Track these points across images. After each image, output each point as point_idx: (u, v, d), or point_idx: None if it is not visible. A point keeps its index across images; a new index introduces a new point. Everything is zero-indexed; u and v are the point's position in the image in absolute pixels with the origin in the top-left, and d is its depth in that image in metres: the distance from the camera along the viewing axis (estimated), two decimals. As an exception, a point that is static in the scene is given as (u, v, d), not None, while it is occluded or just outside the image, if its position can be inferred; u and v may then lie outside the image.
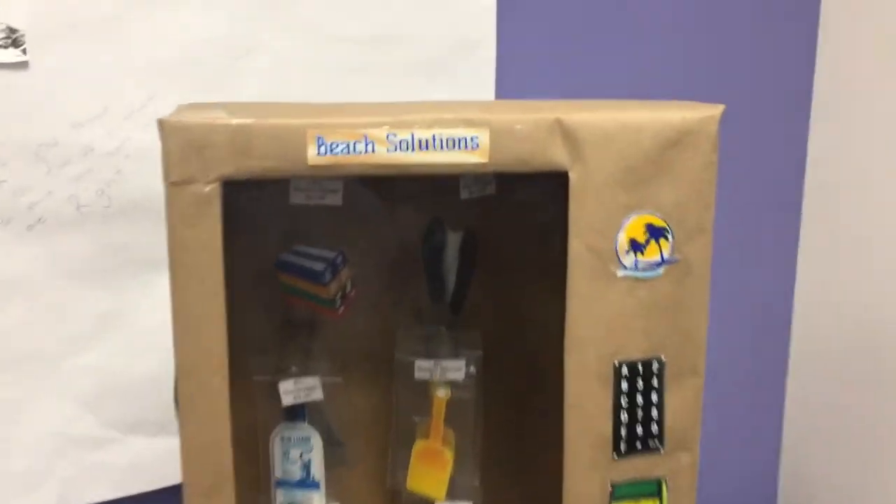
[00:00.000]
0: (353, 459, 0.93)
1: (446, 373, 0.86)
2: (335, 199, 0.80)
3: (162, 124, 0.66)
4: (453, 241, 0.87)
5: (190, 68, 1.02)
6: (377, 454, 0.94)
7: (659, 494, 0.78)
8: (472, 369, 0.88)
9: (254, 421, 0.87)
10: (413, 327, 0.90)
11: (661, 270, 0.74)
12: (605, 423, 0.75)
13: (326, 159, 0.67)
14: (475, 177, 0.84)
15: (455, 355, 0.87)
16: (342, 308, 0.87)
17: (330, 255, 0.85)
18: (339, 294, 0.86)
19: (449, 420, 0.89)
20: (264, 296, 0.86)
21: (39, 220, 1.04)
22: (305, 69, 1.08)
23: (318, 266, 0.85)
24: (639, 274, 0.73)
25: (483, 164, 0.70)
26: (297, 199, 0.79)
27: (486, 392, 0.91)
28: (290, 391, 0.83)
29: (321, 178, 0.67)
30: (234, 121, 0.66)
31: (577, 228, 0.72)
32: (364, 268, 0.88)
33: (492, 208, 0.88)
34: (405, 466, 0.90)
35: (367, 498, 0.94)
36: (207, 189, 0.66)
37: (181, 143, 0.66)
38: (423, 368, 0.86)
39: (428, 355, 0.87)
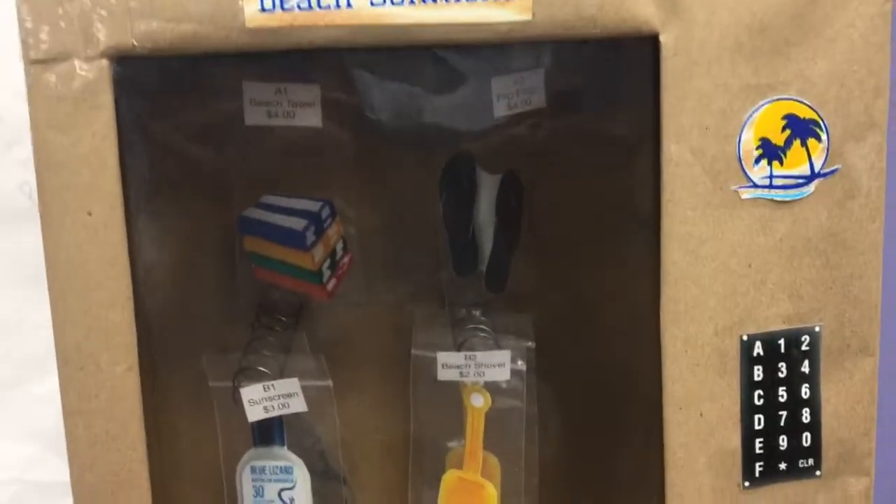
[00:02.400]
0: (358, 499, 0.67)
1: (484, 371, 0.60)
2: (311, 118, 0.55)
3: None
4: (488, 185, 0.62)
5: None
6: (392, 490, 0.67)
7: (816, 544, 0.50)
8: (521, 365, 0.61)
9: (214, 445, 0.61)
10: (435, 313, 0.64)
11: (810, 188, 0.47)
12: (730, 432, 0.49)
13: (273, 18, 0.42)
14: (515, 73, 0.58)
15: (495, 347, 0.61)
16: (332, 283, 0.61)
17: (313, 206, 0.60)
18: (328, 262, 0.61)
19: (490, 441, 0.63)
20: (221, 271, 0.61)
21: None
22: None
23: (297, 224, 0.60)
24: (776, 195, 0.47)
25: (524, 25, 0.44)
26: (254, 117, 0.54)
27: (542, 400, 0.64)
28: (259, 401, 0.57)
29: (268, 52, 0.43)
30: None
31: (674, 126, 0.46)
32: (362, 226, 0.62)
33: (543, 134, 0.61)
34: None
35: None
36: (89, 69, 0.42)
37: (47, -2, 0.42)
38: (449, 366, 0.60)
39: (456, 348, 0.61)
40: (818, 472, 0.50)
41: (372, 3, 0.43)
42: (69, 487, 0.86)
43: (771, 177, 0.47)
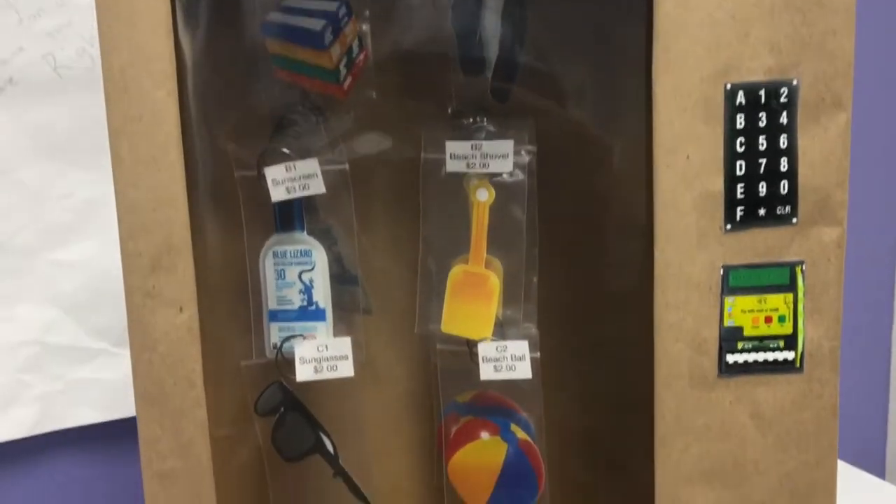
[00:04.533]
0: (371, 301, 0.72)
1: (489, 162, 0.65)
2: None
3: None
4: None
5: None
6: (402, 295, 0.72)
7: (792, 287, 0.55)
8: (527, 157, 0.65)
9: (239, 236, 0.66)
10: (444, 119, 0.69)
11: (789, -56, 0.51)
12: (714, 176, 0.53)
13: None
14: None
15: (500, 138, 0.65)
16: (348, 81, 0.66)
17: (330, 6, 0.64)
18: (345, 61, 0.65)
19: (494, 241, 0.67)
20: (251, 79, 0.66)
21: (10, 80, 0.89)
22: None
23: (315, 24, 0.64)
24: (758, -51, 0.51)
25: None
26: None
27: (544, 205, 0.69)
28: (281, 181, 0.62)
29: None
30: None
31: None
32: (377, 31, 0.67)
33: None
34: (438, 303, 0.68)
35: (389, 348, 0.72)
36: None
37: None
38: (457, 156, 0.65)
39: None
40: (794, 220, 0.54)
41: None
42: (87, 353, 0.91)
43: (754, -67, 0.51)
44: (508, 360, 0.66)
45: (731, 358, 0.55)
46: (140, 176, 0.49)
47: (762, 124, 0.53)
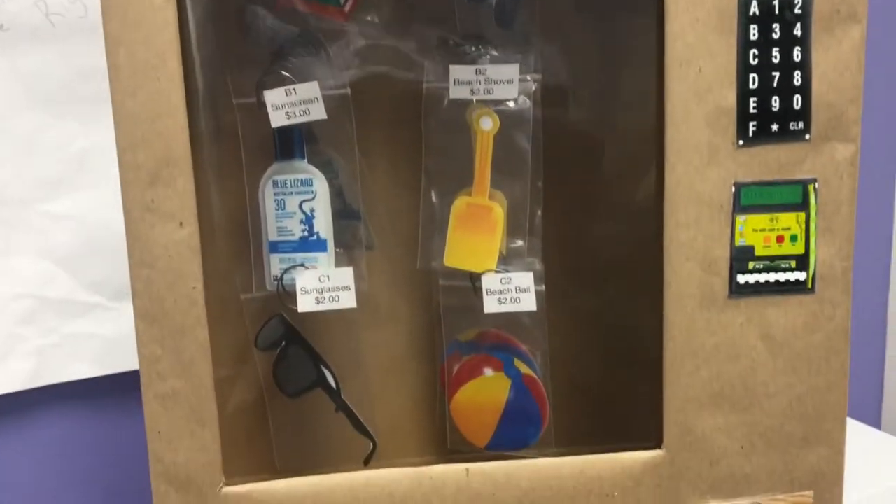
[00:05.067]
0: (374, 236, 0.71)
1: (493, 87, 0.63)
2: None
3: None
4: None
5: None
6: (405, 230, 0.71)
7: (804, 206, 0.54)
8: (533, 86, 0.64)
9: (238, 168, 0.64)
10: (447, 48, 0.67)
11: None
12: (727, 90, 0.52)
13: None
14: None
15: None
16: (349, 4, 0.64)
17: (331, -73, 0.63)
18: (346, -16, 0.64)
19: (499, 173, 0.66)
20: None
21: (1, 26, 0.86)
22: None
23: (317, -53, 0.63)
24: None
25: None
26: None
27: (550, 137, 0.67)
28: (281, 106, 0.61)
29: None
30: None
31: None
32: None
33: None
34: (441, 239, 0.66)
35: (391, 284, 0.71)
36: None
37: None
38: (461, 81, 0.63)
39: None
40: (807, 136, 0.53)
41: None
42: (83, 307, 0.89)
43: None
44: (513, 293, 0.65)
45: (741, 278, 0.54)
46: (138, 85, 0.48)
47: (776, 36, 0.52)
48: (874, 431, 1.07)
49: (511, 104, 0.65)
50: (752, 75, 0.52)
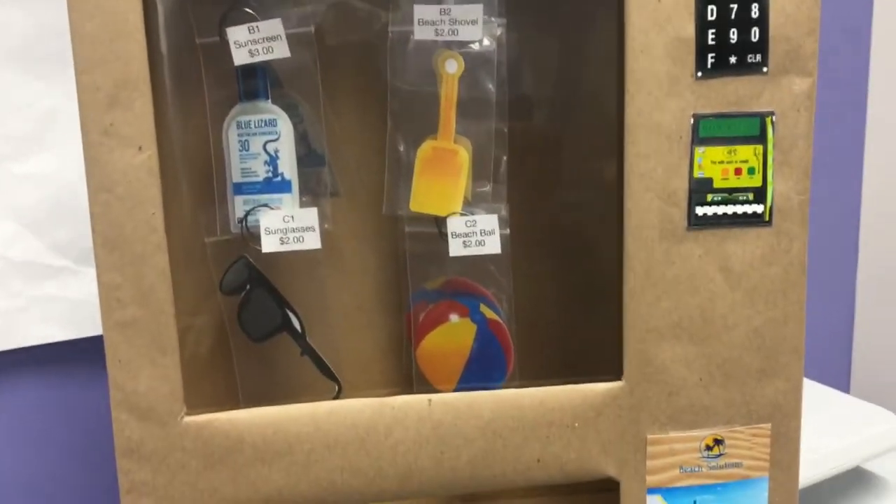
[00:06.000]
0: (339, 183, 0.71)
1: (458, 28, 0.63)
2: None
3: None
4: None
5: None
6: (370, 177, 0.71)
7: (762, 138, 0.55)
8: (499, 30, 0.64)
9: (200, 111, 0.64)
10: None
11: None
12: (685, 21, 0.52)
13: None
14: None
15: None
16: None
17: None
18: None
19: (464, 118, 0.66)
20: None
21: None
22: None
23: None
24: None
25: None
26: None
27: (513, 81, 0.68)
28: (244, 43, 0.60)
29: None
30: None
31: None
32: None
33: None
34: (407, 186, 0.67)
35: (357, 232, 0.71)
36: None
37: None
38: (425, 21, 0.63)
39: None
40: (765, 69, 0.54)
41: None
42: (49, 270, 0.88)
43: None
44: (478, 236, 0.65)
45: (700, 210, 0.54)
46: (97, 5, 0.47)
47: (734, -32, 0.52)
48: (843, 395, 1.08)
49: (476, 46, 0.65)
50: (710, 6, 0.52)
